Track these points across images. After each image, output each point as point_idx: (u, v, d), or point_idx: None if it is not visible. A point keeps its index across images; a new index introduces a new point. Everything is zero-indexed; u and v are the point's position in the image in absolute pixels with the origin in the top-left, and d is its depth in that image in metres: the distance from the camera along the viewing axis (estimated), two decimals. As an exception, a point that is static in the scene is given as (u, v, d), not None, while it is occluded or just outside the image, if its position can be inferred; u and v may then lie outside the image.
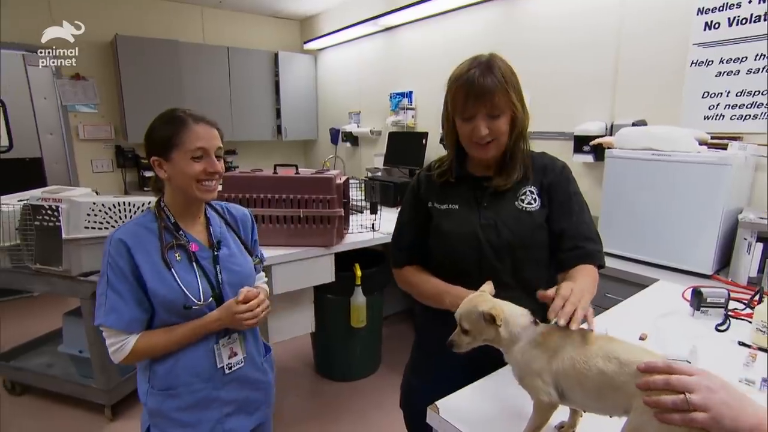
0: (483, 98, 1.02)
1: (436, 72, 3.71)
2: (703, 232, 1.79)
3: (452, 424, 0.88)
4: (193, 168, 1.10)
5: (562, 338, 0.78)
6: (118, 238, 1.07)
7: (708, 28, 2.12)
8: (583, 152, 2.48)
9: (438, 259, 1.17)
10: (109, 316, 1.05)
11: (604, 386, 0.71)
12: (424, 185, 1.21)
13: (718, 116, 2.13)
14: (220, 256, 1.19)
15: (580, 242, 1.11)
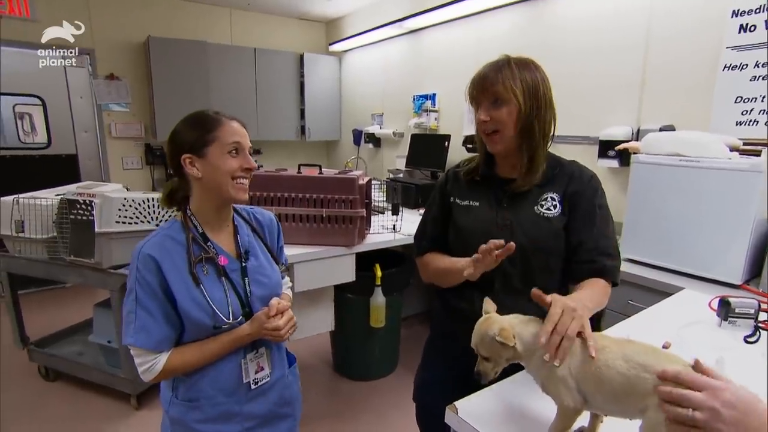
0: (485, 86, 1.10)
1: (459, 74, 3.70)
2: (732, 241, 1.74)
3: (471, 425, 0.88)
4: (229, 164, 1.06)
5: (578, 344, 0.78)
6: (147, 253, 1.02)
7: (743, 31, 2.06)
8: (608, 157, 2.44)
9: (454, 250, 1.21)
10: (139, 336, 1.01)
11: (624, 388, 0.71)
12: (451, 181, 1.26)
13: (751, 122, 2.07)
14: (248, 268, 1.15)
15: (596, 256, 1.11)
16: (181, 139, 1.07)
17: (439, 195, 1.29)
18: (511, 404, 0.95)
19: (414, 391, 1.42)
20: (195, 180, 1.07)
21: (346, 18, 5.24)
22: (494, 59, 1.14)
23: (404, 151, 4.22)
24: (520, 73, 1.09)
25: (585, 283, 1.09)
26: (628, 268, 1.97)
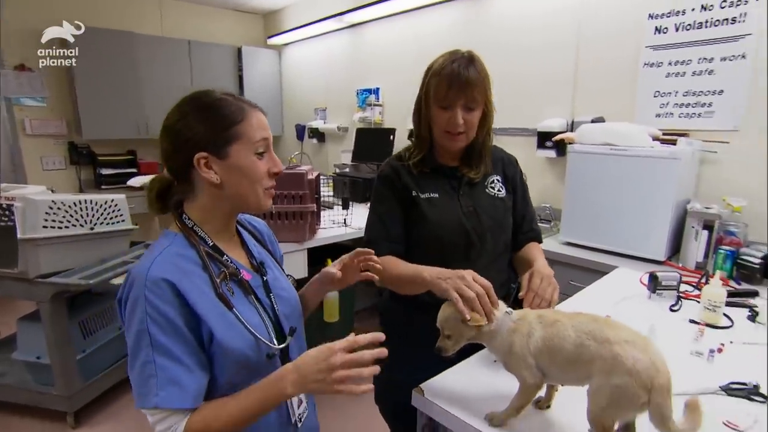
0: (464, 89, 1.10)
1: (403, 69, 3.76)
2: (656, 222, 1.93)
3: (437, 404, 0.93)
4: (258, 168, 0.84)
5: (534, 321, 0.85)
6: (158, 277, 0.75)
7: (658, 32, 2.27)
8: (546, 148, 2.60)
9: (423, 246, 1.21)
10: (170, 392, 0.73)
11: (575, 358, 0.77)
12: (403, 174, 1.23)
13: (667, 114, 2.29)
14: (269, 282, 0.94)
15: (534, 225, 1.36)
16: (190, 131, 0.81)
17: (390, 190, 1.23)
18: (472, 382, 1.01)
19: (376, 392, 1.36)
20: (209, 186, 0.84)
21: (285, 10, 5.13)
22: (454, 51, 1.15)
23: (349, 145, 4.22)
24: (484, 71, 1.14)
25: (530, 251, 1.28)
26: (567, 250, 2.12)
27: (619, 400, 0.72)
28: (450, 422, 0.91)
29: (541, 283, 1.02)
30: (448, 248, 1.18)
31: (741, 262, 1.75)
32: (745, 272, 1.73)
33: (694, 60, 2.17)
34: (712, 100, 2.14)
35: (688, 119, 2.22)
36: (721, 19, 2.06)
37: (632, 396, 0.70)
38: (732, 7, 2.02)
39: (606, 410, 0.73)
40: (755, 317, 1.37)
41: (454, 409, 0.91)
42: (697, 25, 2.13)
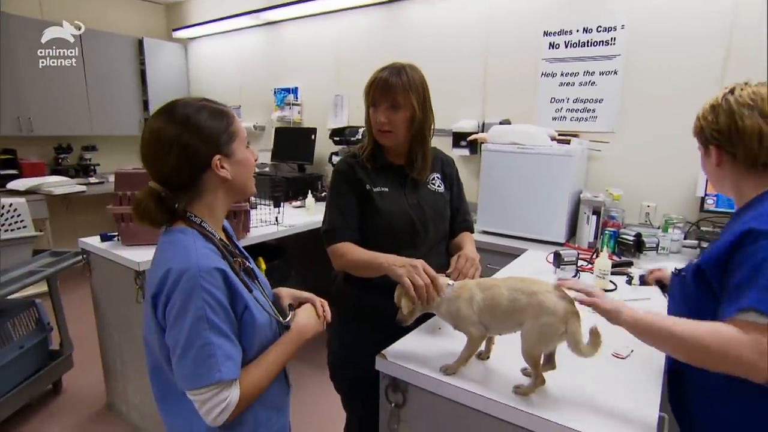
0: (386, 92, 1.32)
1: (322, 69, 3.89)
2: (556, 210, 2.31)
3: (398, 364, 1.11)
4: (251, 158, 1.00)
5: (474, 287, 1.08)
6: (212, 267, 0.86)
7: (551, 48, 2.69)
8: (461, 147, 2.92)
9: (375, 234, 1.38)
10: (227, 366, 0.85)
11: (510, 310, 1.01)
12: (357, 170, 1.40)
13: (562, 117, 2.72)
14: (255, 271, 1.08)
15: (467, 217, 1.59)
16: (199, 140, 0.90)
17: (347, 183, 1.39)
18: (423, 346, 1.21)
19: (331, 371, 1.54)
20: (220, 183, 0.95)
21: (190, 2, 4.98)
22: (389, 64, 1.36)
23: (268, 144, 4.25)
24: (414, 81, 1.33)
25: (462, 238, 1.52)
26: (484, 238, 2.44)
27: (546, 334, 0.96)
28: (411, 377, 1.10)
29: (465, 263, 1.27)
30: (397, 236, 1.37)
31: (621, 240, 2.18)
32: (623, 248, 2.16)
33: (580, 73, 2.62)
34: (594, 107, 2.60)
35: (578, 122, 2.67)
36: (599, 40, 2.52)
37: (555, 329, 0.95)
38: (606, 32, 2.49)
39: (536, 345, 0.97)
40: (631, 281, 1.76)
41: (414, 365, 1.10)
42: (581, 44, 2.58)
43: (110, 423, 2.37)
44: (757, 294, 0.82)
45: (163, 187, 0.92)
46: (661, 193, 2.43)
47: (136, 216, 0.93)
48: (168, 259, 0.87)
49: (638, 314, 0.92)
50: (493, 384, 1.04)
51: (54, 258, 2.37)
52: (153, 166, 0.91)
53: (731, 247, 0.90)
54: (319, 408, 2.45)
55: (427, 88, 1.39)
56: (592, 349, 0.96)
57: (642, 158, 2.47)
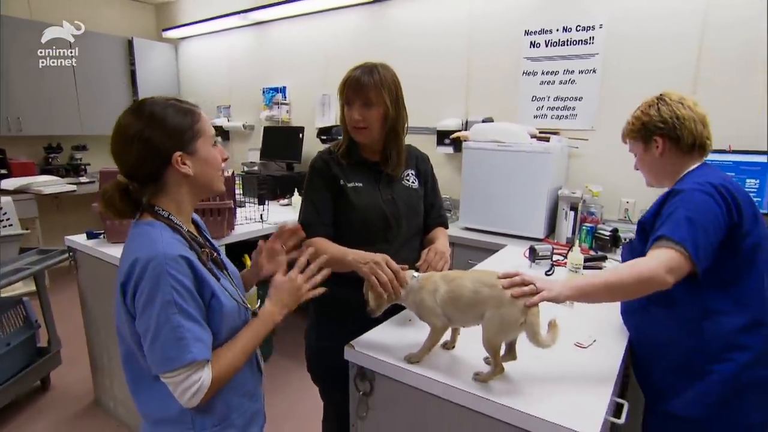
0: (359, 90, 1.36)
1: (310, 69, 3.92)
2: (535, 206, 2.35)
3: (365, 353, 1.15)
4: (217, 156, 1.02)
5: (438, 279, 1.11)
6: (176, 254, 0.89)
7: (532, 46, 2.73)
8: (445, 145, 2.96)
9: (349, 228, 1.42)
10: (198, 347, 0.89)
11: (473, 302, 1.04)
12: (332, 166, 1.44)
13: (543, 115, 2.77)
14: (224, 261, 1.13)
15: (441, 213, 1.62)
16: (161, 136, 0.93)
17: (321, 179, 1.43)
18: (391, 337, 1.25)
19: (308, 362, 1.59)
20: (183, 179, 0.98)
21: (180, 2, 4.99)
22: (362, 63, 1.39)
23: (257, 143, 4.28)
24: (386, 79, 1.37)
25: (436, 233, 1.55)
26: (466, 234, 2.48)
27: (505, 325, 1.00)
28: (377, 366, 1.13)
29: (435, 256, 1.31)
30: (371, 230, 1.41)
31: (598, 236, 2.22)
32: (600, 243, 2.20)
33: (560, 71, 2.66)
34: (575, 105, 2.64)
35: (558, 120, 2.71)
36: (578, 39, 2.56)
37: (514, 320, 0.99)
38: (585, 31, 2.53)
39: (496, 334, 1.01)
40: (604, 274, 1.80)
41: (380, 355, 1.14)
42: (561, 43, 2.62)
43: (97, 418, 2.40)
44: (669, 226, 1.09)
45: (130, 180, 0.96)
46: (639, 189, 2.47)
47: (102, 206, 0.98)
48: (135, 249, 0.91)
49: (577, 284, 1.05)
50: (457, 372, 1.07)
51: (41, 256, 2.40)
52: (119, 159, 0.96)
53: (660, 203, 1.18)
54: (303, 400, 2.49)
55: (399, 87, 1.42)
56: (550, 340, 1.00)
57: (620, 155, 2.47)
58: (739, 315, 1.13)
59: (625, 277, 1.03)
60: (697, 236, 1.05)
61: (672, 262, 1.04)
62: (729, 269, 1.13)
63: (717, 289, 1.13)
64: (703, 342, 1.14)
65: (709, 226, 1.07)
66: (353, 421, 1.23)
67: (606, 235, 2.18)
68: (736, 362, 1.12)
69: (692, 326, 1.15)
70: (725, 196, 1.10)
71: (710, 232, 1.07)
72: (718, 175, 1.18)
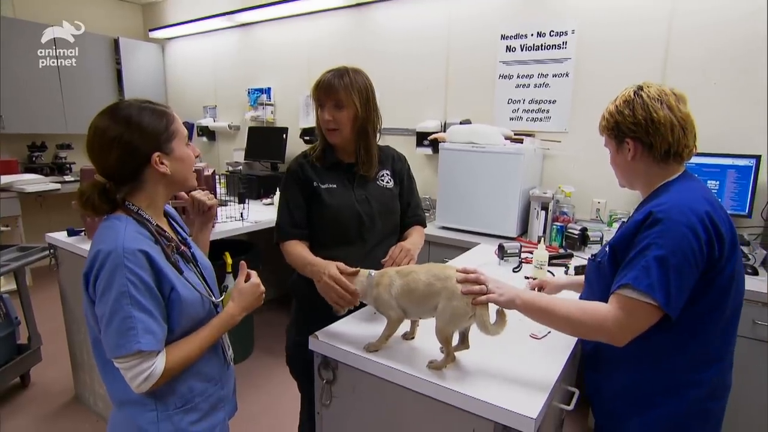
0: (329, 92, 1.42)
1: (294, 70, 3.98)
2: (508, 206, 2.42)
3: (327, 343, 1.21)
4: (191, 154, 1.09)
5: (394, 275, 1.17)
6: (135, 248, 0.94)
7: (508, 50, 2.80)
8: (424, 146, 3.02)
9: (325, 228, 1.48)
10: (147, 339, 0.93)
11: (427, 294, 1.10)
12: (306, 168, 1.50)
13: (518, 118, 2.84)
14: (194, 254, 1.18)
15: (418, 211, 1.67)
16: (140, 138, 0.99)
17: (295, 182, 1.49)
18: (355, 329, 1.31)
19: (288, 357, 1.66)
20: (161, 177, 1.04)
21: (167, 2, 5.01)
22: (334, 67, 1.45)
23: (242, 144, 4.31)
24: (357, 82, 1.43)
25: (411, 231, 1.61)
26: (442, 233, 2.55)
27: (456, 316, 1.06)
28: (339, 355, 1.19)
29: (400, 253, 1.36)
30: (345, 230, 1.47)
31: (568, 234, 2.29)
32: (570, 242, 2.27)
33: (535, 75, 2.73)
34: (549, 107, 2.72)
35: (534, 122, 2.79)
36: (551, 44, 2.64)
37: (464, 312, 1.05)
38: (558, 36, 2.61)
39: (447, 325, 1.07)
40: (567, 271, 1.87)
41: (343, 345, 1.20)
42: (536, 47, 2.69)
43: (77, 414, 2.42)
44: (636, 273, 0.98)
45: (107, 180, 1.00)
46: (609, 189, 2.56)
47: (79, 205, 1.02)
48: (99, 241, 0.97)
49: (529, 299, 1.06)
50: (414, 361, 1.13)
51: (21, 253, 2.42)
52: (97, 161, 1.01)
53: (636, 226, 1.03)
54: (284, 394, 2.53)
55: (371, 89, 1.47)
56: (498, 328, 1.06)
57: (592, 156, 2.59)
58: (700, 353, 1.06)
59: (575, 315, 1.00)
60: (670, 282, 0.95)
61: (632, 319, 0.97)
62: (701, 306, 1.02)
63: (683, 327, 1.03)
64: (658, 374, 1.09)
65: (686, 267, 0.96)
66: (318, 408, 1.29)
67: (575, 234, 2.25)
68: (688, 396, 1.07)
69: (649, 357, 1.08)
70: (708, 229, 0.98)
71: (686, 274, 0.96)
72: (701, 195, 1.04)
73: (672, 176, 1.10)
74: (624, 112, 1.09)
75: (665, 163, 1.09)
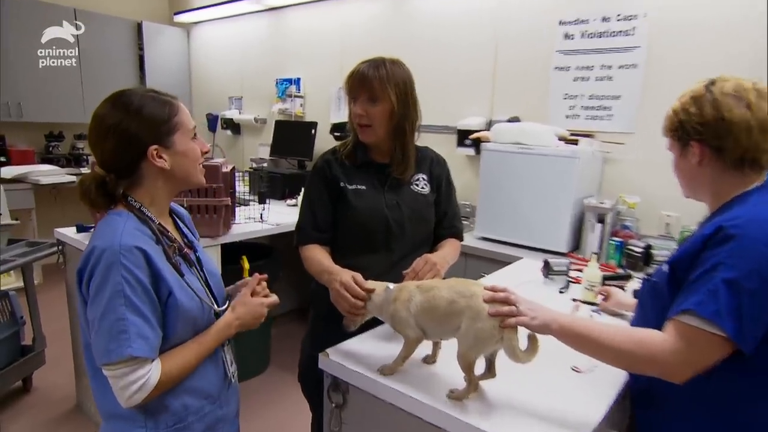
0: (364, 84, 1.43)
1: (326, 60, 4.05)
2: (559, 216, 2.36)
3: (339, 363, 1.21)
4: (196, 150, 1.12)
5: (413, 290, 1.16)
6: (132, 245, 0.97)
7: (567, 38, 2.74)
8: (466, 146, 3.00)
9: (348, 233, 1.49)
10: (139, 344, 0.95)
11: (449, 313, 1.08)
12: (334, 166, 1.52)
13: (575, 116, 2.77)
14: (201, 258, 1.21)
15: (455, 222, 1.66)
16: (137, 128, 1.02)
17: (321, 180, 1.51)
18: (369, 348, 1.30)
19: (300, 372, 1.70)
20: (159, 172, 1.07)
21: (194, -16, 5.22)
22: (370, 58, 1.46)
23: (268, 138, 4.42)
24: (394, 75, 1.43)
25: (444, 244, 1.60)
26: (482, 245, 2.52)
27: (480, 339, 1.03)
28: (349, 376, 1.19)
29: (424, 266, 1.32)
30: (371, 236, 1.48)
31: (628, 252, 2.21)
32: (630, 260, 2.19)
33: (597, 66, 2.66)
34: (612, 104, 2.64)
35: (593, 121, 2.71)
36: (617, 30, 2.56)
37: (490, 335, 1.02)
38: (625, 21, 2.53)
39: (471, 348, 1.05)
40: (624, 295, 1.79)
41: (354, 365, 1.19)
42: (599, 34, 2.62)
43: (78, 424, 2.53)
44: (700, 297, 0.91)
45: (106, 172, 1.04)
46: (681, 201, 2.42)
47: (79, 195, 1.07)
48: (96, 237, 1.01)
49: (565, 323, 1.02)
50: (433, 388, 1.10)
51: (29, 248, 2.56)
52: (95, 151, 1.06)
53: (702, 243, 0.97)
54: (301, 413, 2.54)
55: (410, 84, 1.48)
56: (529, 356, 1.03)
57: (661, 161, 2.48)
58: None
59: (623, 344, 0.95)
60: (742, 309, 0.87)
61: (693, 351, 0.90)
62: None
63: (764, 366, 0.94)
64: (733, 425, 1.00)
65: (764, 293, 0.88)
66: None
67: (637, 251, 2.17)
68: None
69: (721, 402, 0.99)
70: None
71: (764, 301, 0.88)
72: None
73: (748, 187, 1.04)
74: (690, 110, 1.04)
75: (739, 171, 1.03)
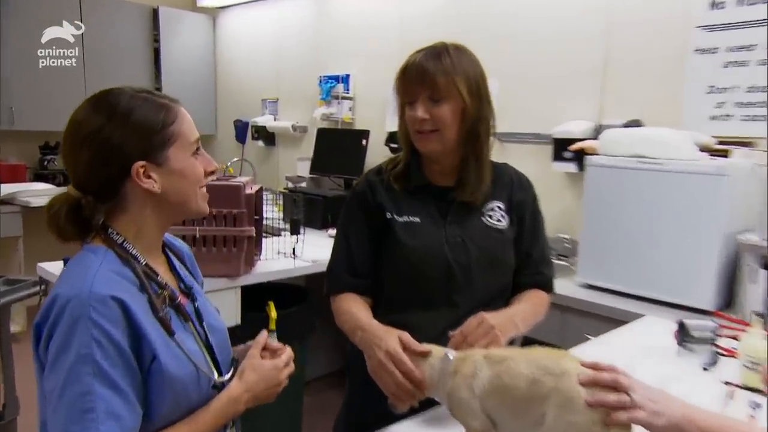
0: (422, 79, 1.36)
1: (382, 52, 4.05)
2: (700, 259, 2.18)
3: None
4: (198, 169, 1.08)
5: (480, 360, 1.07)
6: (106, 294, 0.92)
7: (714, 7, 2.57)
8: (565, 159, 2.87)
9: (396, 280, 1.44)
10: (108, 427, 0.89)
11: (529, 398, 0.98)
12: (379, 191, 1.47)
13: (724, 116, 2.58)
14: (200, 309, 1.18)
15: (543, 268, 1.56)
16: (120, 138, 0.99)
17: (361, 209, 1.48)
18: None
19: None
20: (145, 196, 1.04)
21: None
22: (428, 45, 1.41)
23: (308, 151, 4.48)
24: (462, 64, 1.38)
25: (526, 296, 1.50)
26: (585, 295, 2.38)
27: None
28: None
29: (477, 328, 1.23)
30: (426, 285, 1.41)
31: (807, 313, 1.98)
32: (812, 325, 1.96)
33: (759, 45, 2.46)
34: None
35: (753, 123, 2.51)
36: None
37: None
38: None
39: (560, 452, 0.94)
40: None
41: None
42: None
43: None
44: None
45: (82, 193, 1.01)
46: None
47: (46, 221, 1.03)
48: (62, 282, 0.97)
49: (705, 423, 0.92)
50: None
51: (7, 287, 2.64)
52: (68, 165, 1.04)
53: None
54: None
55: (482, 74, 1.42)
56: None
57: None
58: None
59: None
60: None
61: None
62: None
63: None
64: None
65: None
66: None
67: (820, 311, 1.94)
68: None
69: None
70: None
71: None
72: None
73: None
74: None
75: None
